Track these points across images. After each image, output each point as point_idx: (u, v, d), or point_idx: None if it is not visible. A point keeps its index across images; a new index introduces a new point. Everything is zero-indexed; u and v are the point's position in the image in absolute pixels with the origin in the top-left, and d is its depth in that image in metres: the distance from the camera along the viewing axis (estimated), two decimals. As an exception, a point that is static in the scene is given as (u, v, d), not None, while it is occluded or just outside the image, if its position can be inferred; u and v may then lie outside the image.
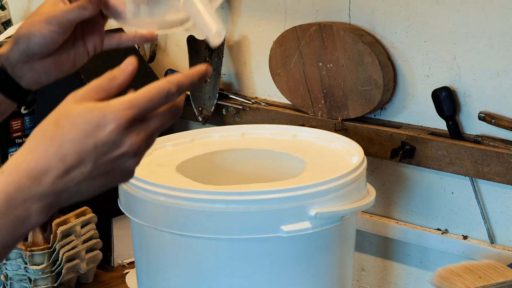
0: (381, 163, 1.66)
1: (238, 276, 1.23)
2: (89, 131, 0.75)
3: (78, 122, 0.76)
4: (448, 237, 1.59)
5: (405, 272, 1.69)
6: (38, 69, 1.05)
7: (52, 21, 1.01)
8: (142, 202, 1.25)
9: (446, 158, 1.52)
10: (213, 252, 1.22)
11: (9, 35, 2.03)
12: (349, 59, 1.59)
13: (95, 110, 0.76)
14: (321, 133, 1.47)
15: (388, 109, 1.63)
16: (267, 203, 1.19)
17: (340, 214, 1.24)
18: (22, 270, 1.58)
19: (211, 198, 1.19)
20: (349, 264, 1.34)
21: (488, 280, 1.32)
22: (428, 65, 1.55)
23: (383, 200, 1.67)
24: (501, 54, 1.46)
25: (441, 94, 1.51)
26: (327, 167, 1.33)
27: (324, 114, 1.66)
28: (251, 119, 1.77)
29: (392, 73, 1.58)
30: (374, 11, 1.60)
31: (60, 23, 1.01)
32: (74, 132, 0.75)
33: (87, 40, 1.08)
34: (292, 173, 1.34)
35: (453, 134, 1.53)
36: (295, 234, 1.20)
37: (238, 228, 1.20)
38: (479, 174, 1.49)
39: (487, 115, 1.49)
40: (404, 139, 1.56)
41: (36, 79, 1.07)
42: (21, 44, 1.04)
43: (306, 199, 1.21)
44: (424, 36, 1.55)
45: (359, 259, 1.74)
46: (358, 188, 1.28)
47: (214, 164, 1.44)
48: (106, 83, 0.79)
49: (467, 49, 1.50)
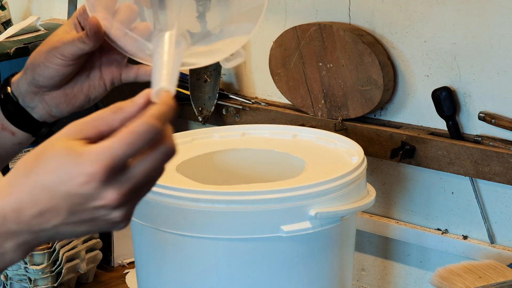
0: (381, 163, 1.66)
1: (238, 276, 1.23)
2: (61, 178, 0.69)
3: (53, 165, 0.69)
4: (448, 237, 1.59)
5: (405, 272, 1.69)
6: (48, 101, 0.98)
7: (55, 53, 0.94)
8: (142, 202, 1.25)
9: (446, 158, 1.52)
10: (213, 252, 1.22)
11: (9, 35, 2.03)
12: (349, 59, 1.59)
13: (72, 155, 0.68)
14: (321, 133, 1.47)
15: (388, 109, 1.63)
16: (267, 203, 1.19)
17: (340, 214, 1.24)
18: (22, 270, 1.58)
19: (211, 198, 1.19)
20: (349, 264, 1.34)
21: (488, 280, 1.32)
22: (428, 65, 1.55)
23: (383, 200, 1.67)
24: (501, 54, 1.46)
25: (441, 94, 1.51)
26: (327, 167, 1.33)
27: (324, 114, 1.66)
28: (251, 119, 1.77)
29: (392, 73, 1.58)
30: (374, 11, 1.60)
31: (63, 56, 0.93)
32: (48, 176, 0.69)
33: (104, 71, 0.98)
34: (292, 173, 1.34)
35: (453, 134, 1.53)
36: (295, 234, 1.20)
37: (238, 228, 1.20)
38: (479, 174, 1.49)
39: (487, 115, 1.49)
40: (404, 139, 1.56)
41: (49, 112, 0.99)
42: (29, 74, 0.97)
43: (306, 199, 1.21)
44: (424, 36, 1.55)
45: (359, 259, 1.74)
46: (358, 188, 1.28)
47: (214, 164, 1.44)
48: (109, 115, 0.70)
49: (467, 49, 1.50)
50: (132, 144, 0.68)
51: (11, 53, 1.92)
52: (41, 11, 2.25)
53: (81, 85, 0.98)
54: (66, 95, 0.97)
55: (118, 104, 0.71)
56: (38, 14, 2.20)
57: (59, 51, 0.93)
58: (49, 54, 0.94)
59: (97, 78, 0.98)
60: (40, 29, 2.07)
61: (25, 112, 0.99)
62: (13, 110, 0.99)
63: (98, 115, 0.71)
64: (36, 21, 2.09)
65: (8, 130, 1.00)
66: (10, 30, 2.06)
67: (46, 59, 0.94)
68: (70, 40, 0.93)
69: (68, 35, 0.94)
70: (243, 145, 1.47)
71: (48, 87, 0.96)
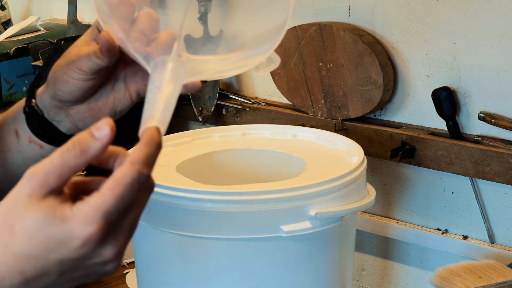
0: (381, 163, 1.66)
1: (238, 276, 1.23)
2: (51, 247, 0.64)
3: (37, 236, 0.63)
4: (448, 237, 1.59)
5: (405, 272, 1.69)
6: (73, 115, 0.93)
7: (73, 67, 0.88)
8: (142, 202, 1.25)
9: (446, 158, 1.52)
10: (213, 252, 1.22)
11: (9, 35, 2.03)
12: (349, 59, 1.59)
13: (57, 221, 0.63)
14: (321, 133, 1.47)
15: (388, 109, 1.63)
16: (267, 203, 1.19)
17: (340, 214, 1.24)
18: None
19: (211, 198, 1.19)
20: (349, 264, 1.34)
21: (488, 280, 1.32)
22: (428, 65, 1.55)
23: (383, 200, 1.67)
24: (501, 54, 1.46)
25: (441, 94, 1.51)
26: (327, 167, 1.33)
27: (324, 114, 1.66)
28: (251, 119, 1.77)
29: (392, 73, 1.58)
30: (374, 11, 1.60)
31: (81, 70, 0.88)
32: (33, 247, 0.64)
33: (129, 83, 0.92)
34: (292, 173, 1.34)
35: (453, 134, 1.53)
36: (295, 234, 1.20)
37: (238, 228, 1.20)
38: (479, 174, 1.49)
39: (487, 115, 1.49)
40: (404, 139, 1.56)
41: (75, 125, 0.94)
42: (50, 88, 0.92)
43: (306, 199, 1.21)
44: (424, 36, 1.55)
45: (359, 259, 1.74)
46: (358, 188, 1.28)
47: (214, 164, 1.44)
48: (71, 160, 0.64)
49: (467, 49, 1.50)
50: (123, 197, 0.64)
51: (11, 53, 1.92)
52: (41, 11, 2.25)
53: (106, 98, 0.92)
54: (90, 109, 0.92)
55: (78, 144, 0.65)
56: (38, 14, 2.21)
57: (77, 65, 0.88)
58: (68, 69, 0.89)
59: (122, 90, 0.92)
60: (40, 29, 2.07)
61: (52, 126, 0.94)
62: (38, 123, 0.94)
63: (60, 162, 0.64)
64: (36, 21, 2.10)
65: (35, 143, 0.96)
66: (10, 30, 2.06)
67: (65, 74, 0.89)
68: (87, 54, 0.87)
69: (85, 48, 0.88)
70: (243, 145, 1.47)
71: (70, 101, 0.91)
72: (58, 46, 1.76)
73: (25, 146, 0.97)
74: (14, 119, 0.98)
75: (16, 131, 0.97)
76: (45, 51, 1.91)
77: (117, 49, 0.86)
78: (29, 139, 0.96)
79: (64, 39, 1.78)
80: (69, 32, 2.01)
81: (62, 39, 1.78)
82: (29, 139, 0.96)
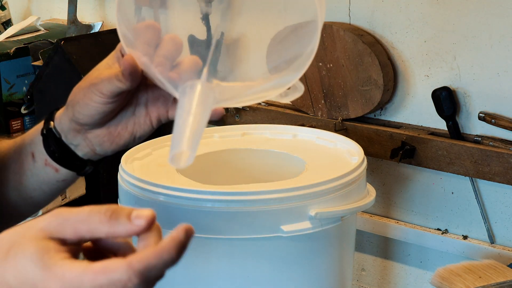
0: (381, 163, 1.66)
1: (238, 276, 1.23)
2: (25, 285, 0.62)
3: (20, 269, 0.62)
4: (448, 237, 1.59)
5: (405, 272, 1.69)
6: (91, 140, 0.91)
7: (93, 90, 0.86)
8: (142, 202, 1.25)
9: (446, 158, 1.52)
10: (213, 252, 1.22)
11: (9, 35, 2.03)
12: (349, 59, 1.59)
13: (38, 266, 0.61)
14: (321, 133, 1.47)
15: (388, 109, 1.63)
16: (267, 203, 1.19)
17: (340, 214, 1.24)
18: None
19: (211, 198, 1.19)
20: (349, 264, 1.34)
21: (488, 280, 1.32)
22: (428, 65, 1.55)
23: (383, 200, 1.67)
24: (501, 54, 1.46)
25: (441, 94, 1.51)
26: (327, 167, 1.33)
27: (324, 114, 1.66)
28: (251, 119, 1.77)
29: (392, 73, 1.58)
30: (374, 11, 1.60)
31: (101, 93, 0.86)
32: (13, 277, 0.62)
33: (150, 108, 0.90)
34: (292, 173, 1.34)
35: (453, 134, 1.53)
36: (295, 234, 1.20)
37: (238, 228, 1.20)
38: (479, 174, 1.49)
39: (487, 115, 1.49)
40: (404, 139, 1.56)
41: (93, 150, 0.93)
42: (69, 111, 0.90)
43: (306, 199, 1.21)
44: (424, 36, 1.55)
45: (359, 259, 1.74)
46: (358, 188, 1.28)
47: (214, 164, 1.44)
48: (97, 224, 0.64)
49: (467, 49, 1.50)
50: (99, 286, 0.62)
51: (11, 53, 1.92)
52: (41, 11, 2.25)
53: (126, 122, 0.90)
54: (109, 133, 0.91)
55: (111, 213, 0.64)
56: (38, 14, 2.21)
57: (98, 88, 0.86)
58: (88, 91, 0.87)
59: (143, 115, 0.90)
60: (40, 29, 2.07)
61: (69, 149, 0.93)
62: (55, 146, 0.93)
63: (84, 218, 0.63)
64: (36, 21, 2.10)
65: (51, 166, 0.95)
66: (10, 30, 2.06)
67: (85, 96, 0.87)
68: (108, 77, 0.85)
69: (107, 71, 0.86)
70: (243, 145, 1.47)
71: (89, 125, 0.90)
72: (58, 46, 1.77)
73: (40, 169, 0.96)
74: (31, 141, 0.96)
75: (32, 153, 0.96)
76: (45, 51, 1.91)
77: (139, 73, 0.84)
78: (45, 162, 0.95)
79: (64, 39, 1.79)
80: (69, 32, 2.02)
81: (62, 39, 1.78)
82: (45, 162, 0.95)
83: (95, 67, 0.89)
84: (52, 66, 1.76)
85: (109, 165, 1.43)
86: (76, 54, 1.74)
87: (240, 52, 0.89)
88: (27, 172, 0.97)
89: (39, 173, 0.96)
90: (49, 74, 1.77)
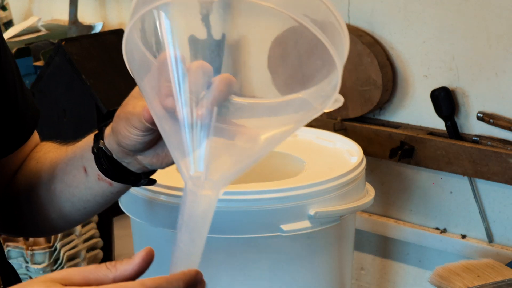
0: (380, 163, 1.66)
1: (238, 276, 1.24)
2: None
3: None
4: (447, 236, 1.59)
5: (404, 271, 1.69)
6: (141, 161, 0.91)
7: (129, 124, 0.85)
8: (142, 201, 1.25)
9: (445, 157, 1.52)
10: (213, 252, 1.23)
11: (10, 35, 2.04)
12: (348, 59, 1.58)
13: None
14: (320, 133, 1.47)
15: (387, 109, 1.64)
16: (267, 202, 1.20)
17: (339, 213, 1.24)
18: (23, 269, 1.59)
19: (211, 198, 1.19)
20: (348, 263, 1.35)
21: (487, 279, 1.32)
22: (427, 65, 1.56)
23: (382, 199, 1.68)
24: (499, 55, 1.47)
25: (439, 94, 1.52)
26: (326, 167, 1.33)
27: (323, 114, 1.67)
28: (251, 119, 1.77)
29: (391, 73, 1.59)
30: (373, 12, 1.60)
31: (137, 128, 0.85)
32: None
33: None
34: (292, 173, 1.35)
35: (451, 134, 1.53)
36: (294, 233, 1.21)
37: (238, 227, 1.20)
38: (477, 173, 1.50)
39: (485, 115, 1.49)
40: (403, 139, 1.56)
41: (144, 167, 0.92)
42: (115, 137, 0.90)
43: (305, 199, 1.21)
44: (423, 37, 1.55)
45: (358, 258, 1.75)
46: (357, 187, 1.29)
47: (214, 164, 1.44)
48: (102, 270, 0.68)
49: (465, 50, 1.51)
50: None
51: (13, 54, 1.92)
52: (42, 11, 2.26)
53: None
54: (157, 155, 0.90)
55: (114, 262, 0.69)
56: (39, 15, 2.21)
57: (132, 123, 0.85)
58: (126, 124, 0.86)
59: None
60: (41, 30, 2.08)
61: (121, 166, 0.92)
62: (108, 165, 0.92)
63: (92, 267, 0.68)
64: (37, 21, 2.10)
65: (105, 181, 0.94)
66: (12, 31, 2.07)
67: (124, 129, 0.86)
68: (138, 114, 0.84)
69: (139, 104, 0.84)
70: (243, 145, 1.47)
71: (135, 151, 0.89)
72: (59, 46, 1.77)
73: (94, 183, 0.95)
74: (82, 156, 0.96)
75: (84, 168, 0.95)
76: (46, 51, 1.91)
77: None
78: (98, 177, 0.94)
79: (65, 39, 1.79)
80: (70, 32, 2.02)
81: (63, 39, 1.79)
82: (98, 177, 0.94)
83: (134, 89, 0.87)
84: (53, 67, 1.77)
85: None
86: (77, 55, 1.74)
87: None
88: (80, 186, 0.96)
89: (92, 187, 0.96)
90: (50, 74, 1.77)
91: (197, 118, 0.72)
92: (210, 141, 0.72)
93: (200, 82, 0.73)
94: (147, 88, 0.76)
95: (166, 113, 0.74)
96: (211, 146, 0.72)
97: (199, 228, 0.76)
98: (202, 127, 0.72)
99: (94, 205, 0.97)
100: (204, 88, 0.73)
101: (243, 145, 0.76)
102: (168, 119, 0.74)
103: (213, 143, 0.72)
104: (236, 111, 0.77)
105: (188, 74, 0.73)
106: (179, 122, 0.72)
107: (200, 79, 0.73)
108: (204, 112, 0.71)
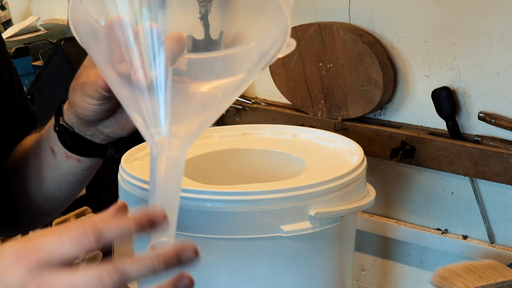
0: (381, 163, 1.66)
1: (238, 276, 1.23)
2: None
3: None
4: (448, 237, 1.59)
5: (405, 272, 1.69)
6: (102, 130, 0.91)
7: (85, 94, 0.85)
8: (142, 201, 1.25)
9: (446, 158, 1.52)
10: (213, 252, 1.22)
11: (9, 35, 2.03)
12: (349, 59, 1.59)
13: None
14: (321, 133, 1.47)
15: (388, 109, 1.63)
16: (267, 203, 1.19)
17: (340, 214, 1.24)
18: (22, 270, 1.58)
19: (211, 198, 1.19)
20: (349, 264, 1.34)
21: (488, 280, 1.32)
22: (428, 65, 1.55)
23: (383, 200, 1.67)
24: (501, 54, 1.47)
25: (441, 94, 1.52)
26: (327, 167, 1.33)
27: (324, 114, 1.66)
28: (251, 119, 1.77)
29: (392, 73, 1.58)
30: (374, 11, 1.60)
31: (93, 97, 0.85)
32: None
33: None
34: (292, 173, 1.34)
35: (452, 134, 1.53)
36: (295, 234, 1.20)
37: (238, 228, 1.20)
38: (478, 174, 1.49)
39: (486, 115, 1.49)
40: (404, 139, 1.56)
41: (108, 137, 0.92)
42: (72, 109, 0.90)
43: (306, 199, 1.21)
44: (424, 36, 1.55)
45: (359, 259, 1.74)
46: (358, 188, 1.28)
47: (214, 164, 1.44)
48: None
49: (467, 49, 1.50)
50: None
51: (11, 53, 1.92)
52: (41, 11, 2.26)
53: None
54: (118, 122, 0.90)
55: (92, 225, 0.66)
56: (38, 14, 2.21)
57: (88, 92, 0.85)
58: (82, 94, 0.86)
59: None
60: (40, 29, 2.08)
61: (85, 140, 0.92)
62: (72, 140, 0.93)
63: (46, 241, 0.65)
64: (36, 21, 2.10)
65: (73, 158, 0.94)
66: (11, 30, 2.06)
67: (81, 99, 0.86)
68: (93, 82, 0.83)
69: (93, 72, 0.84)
70: (243, 145, 1.47)
71: (95, 121, 0.89)
72: (58, 46, 1.77)
73: (62, 162, 0.96)
74: (48, 136, 0.96)
75: (51, 148, 0.96)
76: (45, 51, 1.91)
77: None
78: (65, 155, 0.95)
79: (64, 39, 1.79)
80: (69, 32, 2.02)
81: (62, 39, 1.78)
82: (65, 155, 0.95)
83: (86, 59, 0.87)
84: (52, 66, 1.76)
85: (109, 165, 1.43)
86: (76, 54, 1.74)
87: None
88: (51, 167, 0.97)
89: (62, 167, 0.96)
90: (49, 74, 1.77)
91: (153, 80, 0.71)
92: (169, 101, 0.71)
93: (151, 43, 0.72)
94: (99, 56, 0.75)
95: (121, 79, 0.73)
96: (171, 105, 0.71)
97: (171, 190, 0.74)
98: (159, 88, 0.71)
99: (68, 185, 0.97)
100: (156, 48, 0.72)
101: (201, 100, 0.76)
102: (124, 85, 0.73)
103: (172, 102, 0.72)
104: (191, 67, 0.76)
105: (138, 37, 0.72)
106: (135, 86, 0.71)
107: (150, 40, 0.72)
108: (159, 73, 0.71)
